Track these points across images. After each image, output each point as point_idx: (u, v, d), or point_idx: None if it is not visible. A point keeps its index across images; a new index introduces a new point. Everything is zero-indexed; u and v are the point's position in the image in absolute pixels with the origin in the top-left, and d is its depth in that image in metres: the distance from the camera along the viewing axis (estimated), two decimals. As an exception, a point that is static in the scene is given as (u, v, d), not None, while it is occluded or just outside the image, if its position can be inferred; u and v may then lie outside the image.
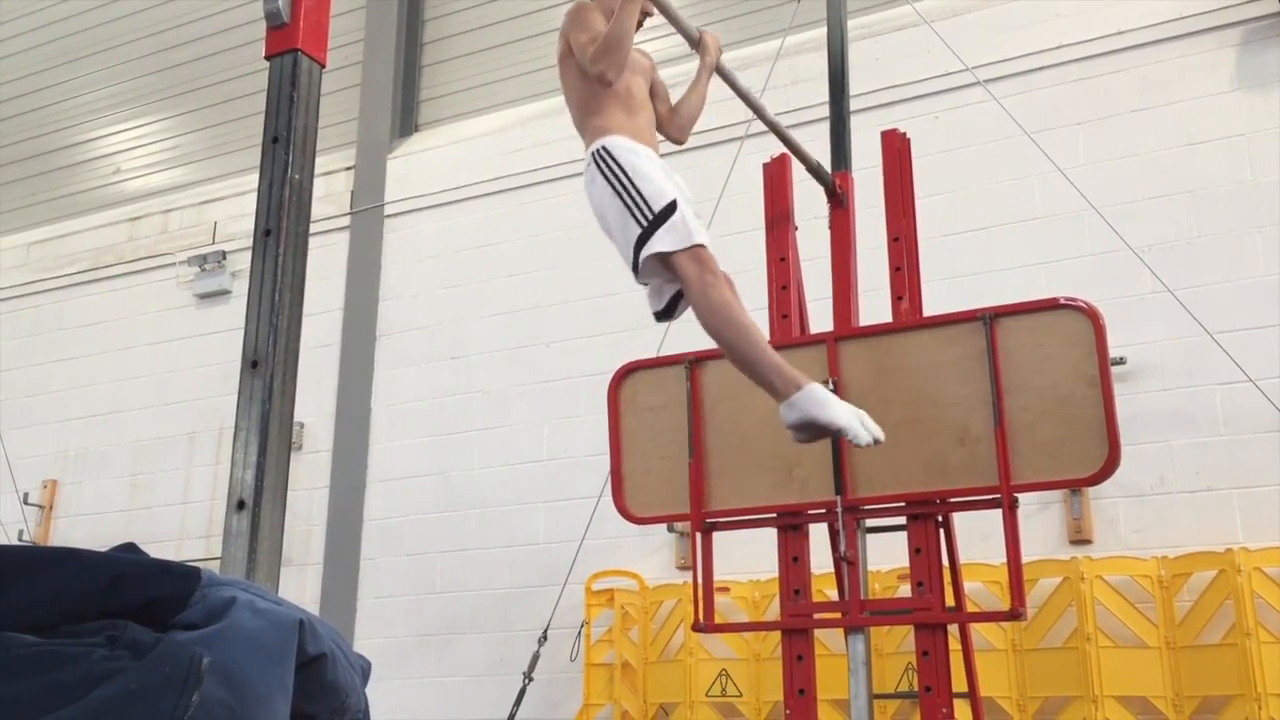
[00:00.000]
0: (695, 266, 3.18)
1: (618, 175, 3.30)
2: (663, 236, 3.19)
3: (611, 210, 3.30)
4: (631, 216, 3.24)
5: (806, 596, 4.11)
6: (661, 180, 3.31)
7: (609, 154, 3.35)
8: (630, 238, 3.23)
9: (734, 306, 3.17)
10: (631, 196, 3.25)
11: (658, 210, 3.22)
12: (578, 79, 3.49)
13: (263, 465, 2.00)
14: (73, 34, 10.41)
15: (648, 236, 3.19)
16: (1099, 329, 3.78)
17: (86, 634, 0.92)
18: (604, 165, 3.34)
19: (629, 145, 3.37)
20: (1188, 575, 5.48)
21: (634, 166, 3.31)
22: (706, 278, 3.17)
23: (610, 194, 3.30)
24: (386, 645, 7.41)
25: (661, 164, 3.43)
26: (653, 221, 3.20)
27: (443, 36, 9.04)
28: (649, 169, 3.32)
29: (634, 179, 3.28)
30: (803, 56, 6.97)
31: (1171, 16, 6.40)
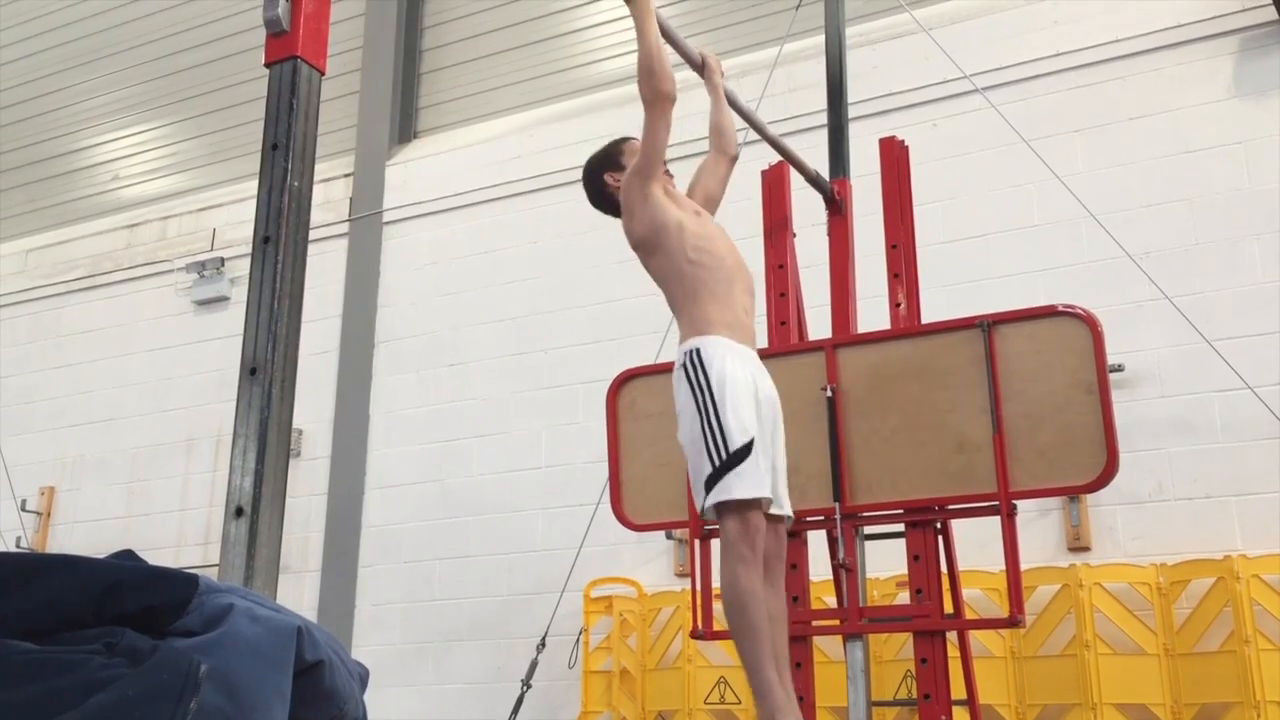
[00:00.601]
0: (739, 530, 3.08)
1: (704, 392, 3.17)
2: (731, 482, 3.08)
3: (690, 427, 3.19)
4: (706, 449, 3.12)
5: (805, 603, 4.11)
6: (746, 410, 3.17)
7: (700, 361, 3.21)
8: (701, 472, 3.14)
9: (754, 603, 3.06)
10: (712, 425, 3.13)
11: (733, 450, 3.10)
12: (663, 258, 3.38)
13: (261, 472, 2.00)
14: (72, 41, 10.42)
15: (717, 480, 3.09)
16: (1097, 336, 3.78)
17: (84, 641, 0.92)
18: (693, 374, 3.22)
19: (723, 354, 3.23)
20: (1186, 582, 5.48)
21: (721, 389, 3.16)
22: (744, 552, 3.07)
23: (693, 410, 3.19)
24: (384, 652, 7.40)
25: (752, 375, 3.29)
26: (726, 462, 3.09)
27: (441, 44, 9.05)
28: (738, 392, 3.18)
29: (719, 404, 3.14)
30: (801, 64, 6.99)
31: (1169, 24, 6.41)
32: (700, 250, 3.36)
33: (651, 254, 3.42)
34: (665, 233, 3.37)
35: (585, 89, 8.21)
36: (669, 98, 3.31)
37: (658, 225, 3.38)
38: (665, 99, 3.30)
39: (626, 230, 3.48)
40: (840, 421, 4.08)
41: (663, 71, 3.31)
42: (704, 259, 3.35)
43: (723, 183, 3.80)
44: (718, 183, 3.78)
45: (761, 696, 3.06)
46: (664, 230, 3.37)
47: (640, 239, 3.44)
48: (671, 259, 3.36)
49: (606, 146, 3.68)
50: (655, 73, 3.30)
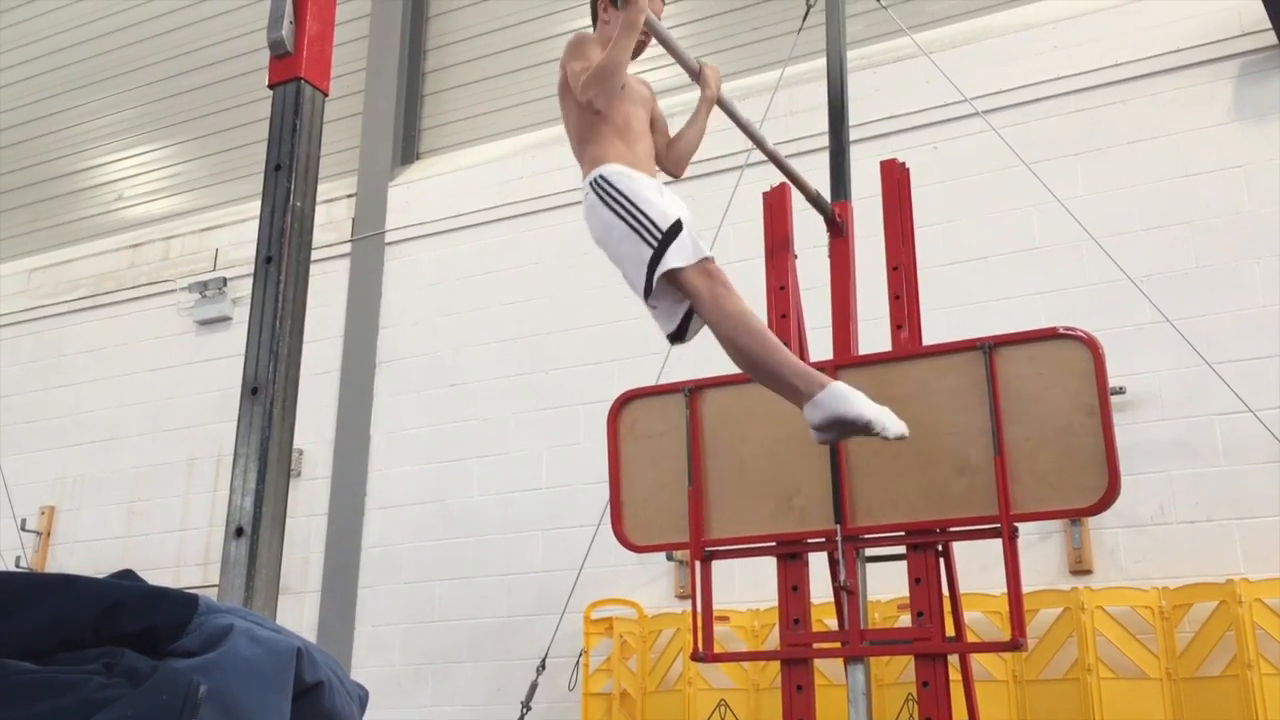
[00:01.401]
0: (706, 280, 3.17)
1: (619, 201, 3.30)
2: (675, 253, 3.17)
3: (616, 235, 3.29)
4: (640, 238, 3.23)
5: (806, 626, 4.10)
6: (662, 202, 3.31)
7: (607, 181, 3.35)
8: (641, 259, 3.21)
9: (749, 314, 3.15)
10: (637, 219, 3.25)
11: (665, 229, 3.21)
12: (575, 109, 3.50)
13: (261, 492, 2.00)
14: (76, 62, 10.48)
15: (660, 255, 3.18)
16: (1098, 358, 3.78)
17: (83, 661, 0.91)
18: (604, 193, 3.34)
19: (626, 171, 3.38)
20: (1188, 606, 5.46)
21: (634, 191, 3.31)
22: (718, 289, 3.15)
23: (614, 219, 3.30)
24: (384, 673, 7.37)
25: (660, 187, 3.43)
26: (662, 240, 3.19)
27: (444, 66, 9.09)
28: (649, 193, 3.33)
29: (636, 203, 3.28)
30: (802, 87, 7.01)
31: (1168, 49, 6.44)
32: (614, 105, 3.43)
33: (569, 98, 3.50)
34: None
35: (587, 111, 8.23)
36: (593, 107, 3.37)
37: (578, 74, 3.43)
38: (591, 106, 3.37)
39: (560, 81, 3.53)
40: (841, 443, 4.07)
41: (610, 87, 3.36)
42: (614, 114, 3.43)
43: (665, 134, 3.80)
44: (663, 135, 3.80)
45: (796, 375, 3.09)
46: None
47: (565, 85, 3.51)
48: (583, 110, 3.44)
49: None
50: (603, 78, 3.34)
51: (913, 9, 7.12)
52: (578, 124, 3.52)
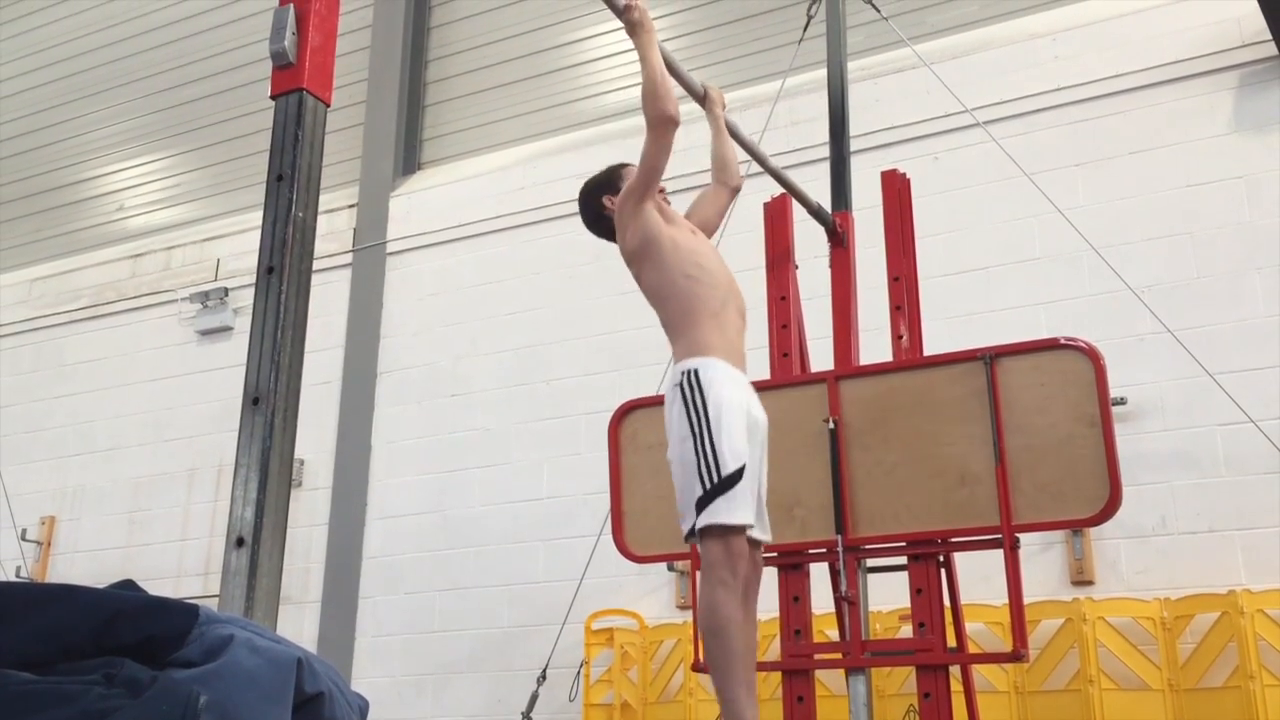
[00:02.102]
0: (723, 554, 3.08)
1: (699, 414, 3.17)
2: (720, 506, 3.08)
3: (682, 447, 3.19)
4: (698, 471, 3.12)
5: (807, 636, 4.09)
6: (739, 436, 3.17)
7: (698, 382, 3.21)
8: (691, 493, 3.13)
9: (734, 629, 3.07)
10: (706, 447, 3.13)
11: (725, 475, 3.10)
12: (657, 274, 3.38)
13: (262, 502, 2.00)
14: (78, 73, 10.50)
15: (708, 502, 3.09)
16: (1099, 369, 3.78)
17: (84, 671, 0.91)
18: (689, 394, 3.21)
19: (720, 377, 3.23)
20: (1190, 617, 5.44)
21: (718, 412, 3.16)
22: (725, 577, 3.07)
23: (686, 431, 3.18)
24: (384, 684, 7.35)
25: (746, 400, 3.30)
26: (717, 486, 3.09)
27: (445, 76, 9.11)
28: (734, 416, 3.19)
29: (714, 427, 3.14)
30: (803, 97, 7.02)
31: (1169, 60, 6.45)
32: (697, 266, 3.37)
33: (644, 267, 3.42)
34: (658, 246, 3.38)
35: (588, 122, 8.25)
36: (672, 119, 3.32)
37: (650, 237, 3.38)
38: (668, 121, 3.32)
39: (621, 247, 3.49)
40: (842, 453, 4.07)
41: (666, 94, 3.33)
42: (699, 275, 3.36)
43: (721, 213, 3.82)
44: (716, 212, 3.80)
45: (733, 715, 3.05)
46: (656, 243, 3.38)
47: (633, 251, 3.43)
48: (666, 273, 3.37)
49: (605, 170, 3.69)
50: (659, 95, 3.32)
51: (913, 20, 7.14)
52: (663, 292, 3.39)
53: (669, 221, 3.47)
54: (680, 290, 3.35)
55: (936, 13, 7.35)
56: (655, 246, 3.38)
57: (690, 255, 3.39)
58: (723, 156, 3.86)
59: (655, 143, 3.34)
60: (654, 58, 3.38)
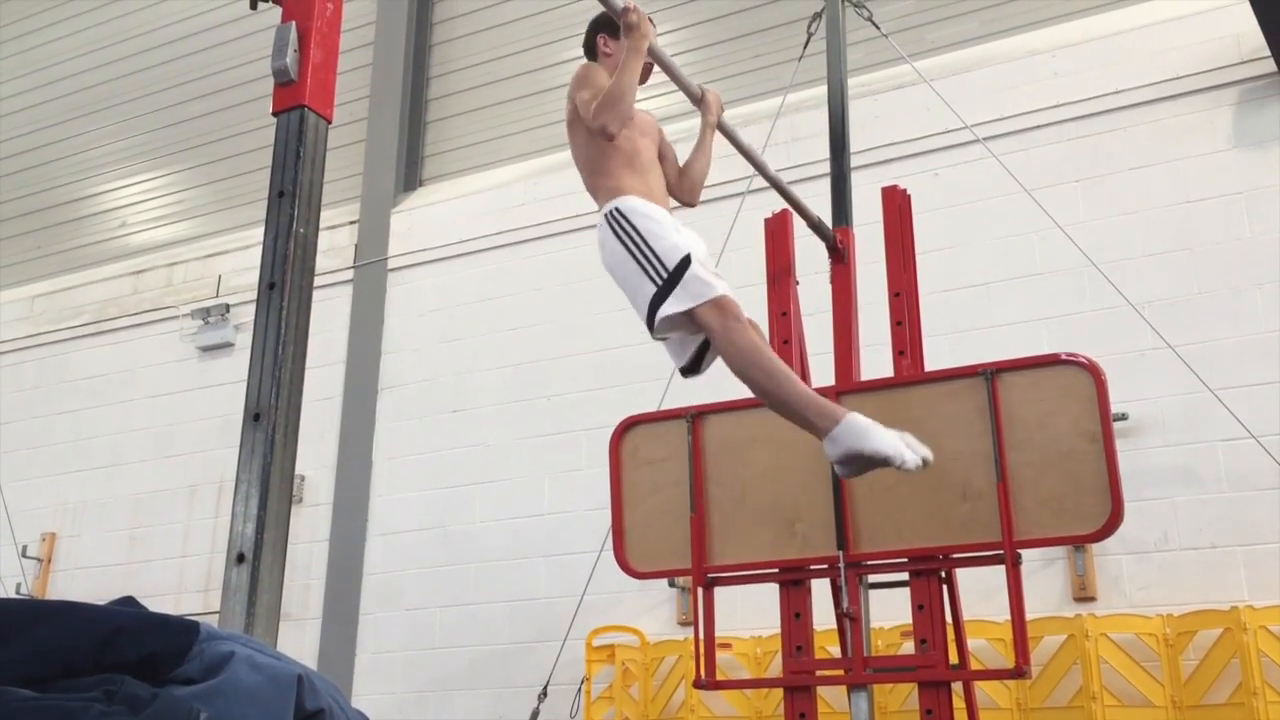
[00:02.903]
0: (718, 315, 3.18)
1: (630, 235, 3.33)
2: (678, 295, 3.20)
3: (626, 270, 3.33)
4: (646, 276, 3.26)
5: (809, 653, 4.08)
6: (674, 237, 3.33)
7: (621, 214, 3.38)
8: (645, 297, 3.25)
9: (762, 349, 3.17)
10: (645, 255, 3.28)
11: (672, 267, 3.23)
12: (585, 140, 3.53)
13: (263, 518, 2.00)
14: (80, 90, 10.54)
15: (664, 296, 3.21)
16: (1100, 384, 3.78)
17: (84, 688, 0.91)
18: (616, 226, 3.37)
19: (641, 205, 3.40)
20: (1193, 633, 5.43)
21: (646, 227, 3.33)
22: (730, 324, 3.17)
23: (624, 254, 3.33)
24: (385, 701, 7.33)
25: (674, 221, 3.45)
26: (667, 280, 3.22)
27: (447, 93, 9.14)
28: (661, 228, 3.35)
29: (646, 238, 3.30)
30: (804, 114, 7.04)
31: (1168, 76, 6.47)
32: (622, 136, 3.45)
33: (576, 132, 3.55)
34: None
35: (589, 138, 8.27)
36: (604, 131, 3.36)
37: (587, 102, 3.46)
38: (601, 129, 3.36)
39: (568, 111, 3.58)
40: (844, 469, 4.06)
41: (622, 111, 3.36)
42: (623, 143, 3.46)
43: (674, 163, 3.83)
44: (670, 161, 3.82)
45: (811, 410, 3.07)
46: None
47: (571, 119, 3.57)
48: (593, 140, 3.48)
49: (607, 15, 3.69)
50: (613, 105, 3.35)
51: (913, 36, 7.16)
52: (587, 155, 3.56)
53: None
54: (603, 149, 3.47)
55: (936, 29, 7.38)
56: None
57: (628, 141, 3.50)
58: (695, 173, 3.85)
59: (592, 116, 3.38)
60: (634, 67, 3.40)
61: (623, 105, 3.37)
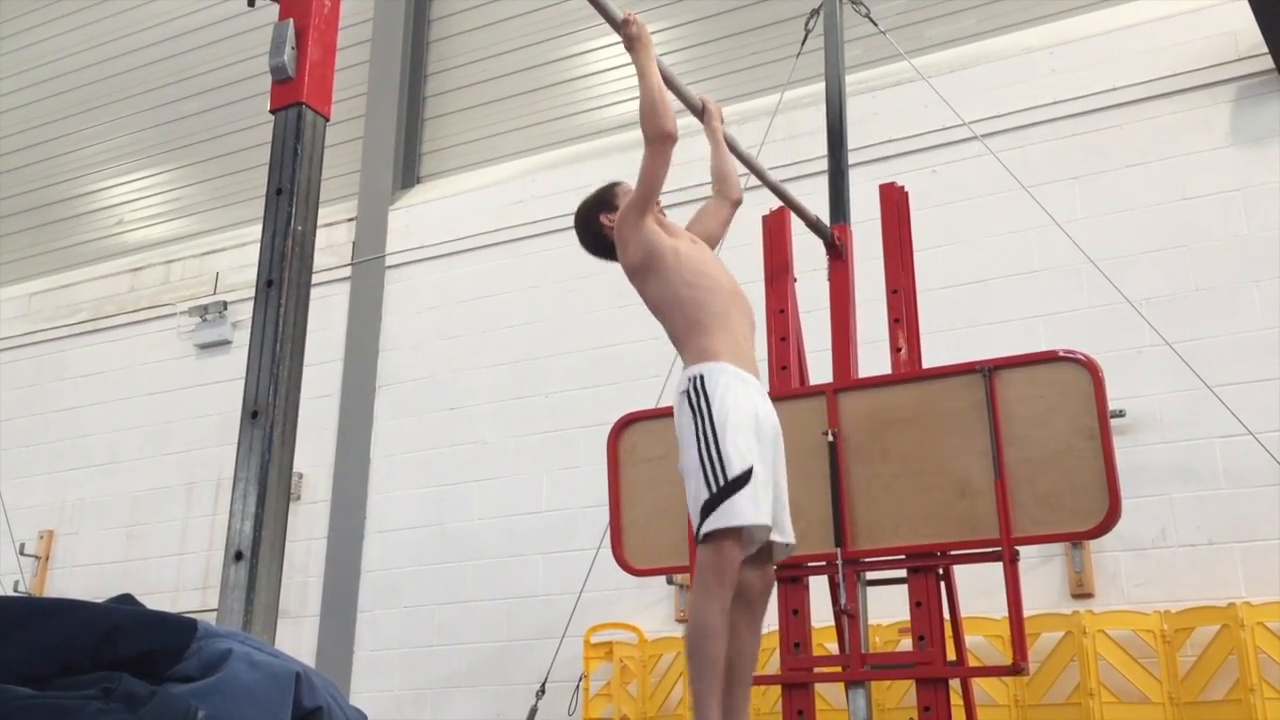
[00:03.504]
0: (714, 560, 3.03)
1: (706, 419, 3.14)
2: (727, 509, 3.03)
3: (688, 452, 3.16)
4: (704, 476, 3.08)
5: (806, 650, 4.08)
6: (745, 438, 3.14)
7: (703, 388, 3.19)
8: (699, 499, 3.08)
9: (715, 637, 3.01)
10: (711, 452, 3.10)
11: (732, 478, 3.06)
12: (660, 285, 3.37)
13: (261, 516, 1.99)
14: (77, 87, 10.52)
15: (715, 505, 3.04)
16: (1098, 381, 3.78)
17: (82, 686, 0.91)
18: (695, 400, 3.19)
19: (728, 380, 3.20)
20: (1190, 630, 5.44)
21: (723, 416, 3.13)
22: (711, 584, 3.02)
23: (692, 437, 3.15)
24: (383, 699, 7.33)
25: (754, 402, 3.26)
26: (724, 489, 3.05)
27: (445, 90, 9.13)
28: (739, 419, 3.15)
29: (719, 431, 3.11)
30: (801, 111, 7.04)
31: (1166, 73, 6.47)
32: (698, 274, 3.36)
33: (647, 280, 3.41)
34: (660, 258, 3.37)
35: (587, 135, 8.27)
36: (670, 135, 3.33)
37: (652, 249, 3.37)
38: (666, 137, 3.33)
39: (622, 262, 3.47)
40: (842, 466, 4.07)
41: (665, 110, 3.35)
42: (701, 282, 3.35)
43: (724, 225, 3.81)
44: (719, 224, 3.78)
45: None
46: (659, 255, 3.37)
47: (635, 265, 3.42)
48: (668, 285, 3.36)
49: (599, 190, 3.68)
50: (657, 111, 3.33)
51: (910, 34, 7.16)
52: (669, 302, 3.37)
53: (670, 234, 3.47)
54: (684, 299, 3.33)
55: (934, 26, 7.38)
56: (658, 258, 3.37)
57: (691, 264, 3.38)
58: (722, 170, 3.86)
59: (654, 158, 3.34)
60: (652, 73, 3.40)
61: (663, 104, 3.34)
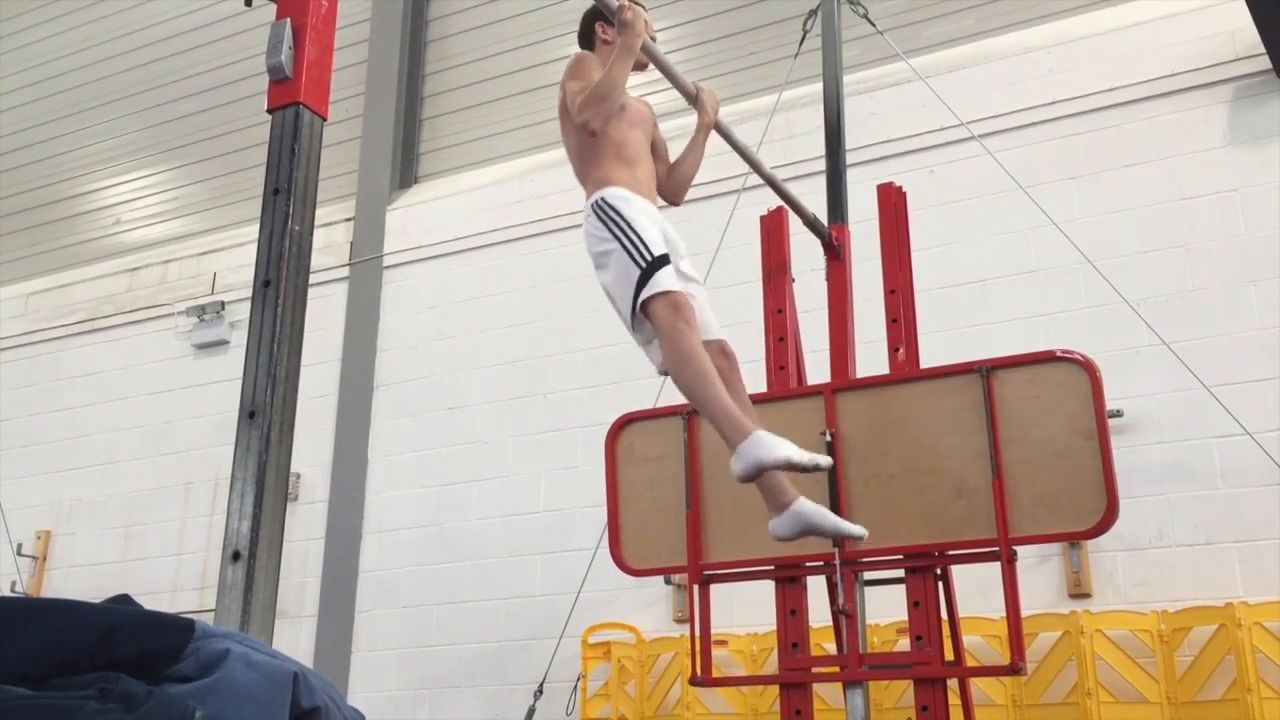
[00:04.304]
0: (670, 311, 3.25)
1: (617, 223, 3.38)
2: (659, 279, 3.26)
3: (611, 257, 3.36)
4: (632, 260, 3.30)
5: (805, 650, 4.08)
6: (656, 233, 3.39)
7: (607, 203, 3.42)
8: (631, 281, 3.29)
9: (697, 353, 3.23)
10: (632, 242, 3.33)
11: (656, 255, 3.30)
12: (575, 129, 3.55)
13: (259, 516, 1.99)
14: (75, 87, 10.51)
15: (647, 277, 3.26)
16: (1095, 381, 3.78)
17: (79, 686, 0.91)
18: (603, 214, 3.41)
19: (627, 195, 3.45)
20: (1188, 630, 5.44)
21: (632, 216, 3.39)
22: (679, 324, 3.24)
23: (610, 241, 3.37)
24: (381, 699, 7.33)
25: (658, 216, 3.50)
26: (650, 264, 3.28)
27: (442, 90, 9.13)
28: (645, 220, 3.40)
29: (634, 226, 3.36)
30: (799, 111, 7.04)
31: (1164, 73, 6.48)
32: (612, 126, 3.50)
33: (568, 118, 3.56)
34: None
35: (585, 135, 8.26)
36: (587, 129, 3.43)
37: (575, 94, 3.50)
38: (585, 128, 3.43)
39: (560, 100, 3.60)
40: (839, 466, 4.07)
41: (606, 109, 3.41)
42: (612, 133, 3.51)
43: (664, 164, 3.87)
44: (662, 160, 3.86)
45: (726, 422, 3.16)
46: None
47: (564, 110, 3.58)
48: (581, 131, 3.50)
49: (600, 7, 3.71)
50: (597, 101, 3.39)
51: (909, 34, 7.16)
52: (577, 145, 3.59)
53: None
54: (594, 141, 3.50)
55: (932, 26, 7.38)
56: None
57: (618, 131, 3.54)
58: (683, 173, 3.89)
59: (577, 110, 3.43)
60: (623, 64, 3.43)
61: (608, 103, 3.41)
